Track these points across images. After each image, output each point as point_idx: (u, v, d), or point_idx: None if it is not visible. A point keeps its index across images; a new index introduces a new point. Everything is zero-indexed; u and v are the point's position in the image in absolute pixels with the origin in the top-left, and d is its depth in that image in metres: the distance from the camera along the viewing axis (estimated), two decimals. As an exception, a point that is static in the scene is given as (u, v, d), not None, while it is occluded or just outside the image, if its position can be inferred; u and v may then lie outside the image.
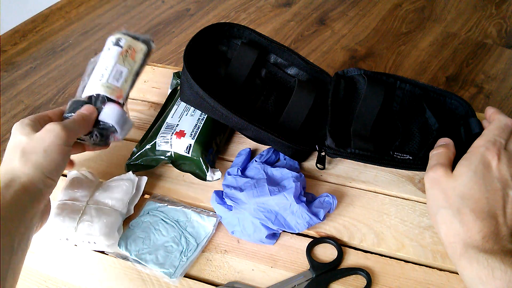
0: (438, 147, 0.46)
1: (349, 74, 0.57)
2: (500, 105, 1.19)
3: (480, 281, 0.36)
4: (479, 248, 0.37)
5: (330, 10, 1.60)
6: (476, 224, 0.38)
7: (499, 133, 0.42)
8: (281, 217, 0.48)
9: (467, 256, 0.37)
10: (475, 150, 0.42)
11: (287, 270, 0.47)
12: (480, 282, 0.36)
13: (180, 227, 0.51)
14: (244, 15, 1.64)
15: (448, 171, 0.42)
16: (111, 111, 0.50)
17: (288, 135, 0.53)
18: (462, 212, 0.39)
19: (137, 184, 0.54)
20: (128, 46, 0.55)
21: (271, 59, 0.60)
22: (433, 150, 0.46)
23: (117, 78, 0.52)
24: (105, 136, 0.51)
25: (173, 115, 0.58)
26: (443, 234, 0.40)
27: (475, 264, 0.36)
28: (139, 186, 0.54)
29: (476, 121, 0.50)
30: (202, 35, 0.56)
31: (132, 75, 0.55)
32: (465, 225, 0.38)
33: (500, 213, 0.38)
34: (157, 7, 1.75)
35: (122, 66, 0.53)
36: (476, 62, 1.32)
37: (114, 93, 0.52)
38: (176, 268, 0.47)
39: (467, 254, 0.37)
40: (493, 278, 0.35)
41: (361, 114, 0.53)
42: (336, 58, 1.40)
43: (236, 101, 0.55)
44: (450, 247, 0.40)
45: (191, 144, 0.54)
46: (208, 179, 0.54)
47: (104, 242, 0.49)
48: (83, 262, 0.50)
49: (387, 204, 0.52)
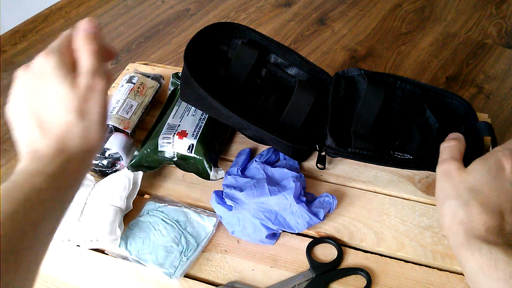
0: (449, 140, 0.46)
1: (349, 74, 0.57)
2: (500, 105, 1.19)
3: (482, 271, 0.35)
4: (482, 239, 0.37)
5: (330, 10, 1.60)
6: (482, 217, 0.38)
7: None
8: (281, 217, 0.48)
9: (470, 246, 0.37)
10: (493, 153, 0.42)
11: (287, 270, 0.47)
12: (482, 273, 0.35)
13: (180, 227, 0.51)
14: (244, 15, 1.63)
15: (461, 165, 0.42)
16: (117, 140, 0.56)
17: (289, 135, 0.53)
18: (469, 204, 0.39)
19: (133, 179, 0.54)
20: (140, 83, 0.64)
21: (271, 59, 0.60)
22: (444, 143, 0.46)
23: (127, 110, 0.60)
24: (111, 163, 0.56)
25: (174, 116, 0.58)
26: (447, 224, 0.40)
27: (477, 254, 0.36)
28: (135, 181, 0.54)
29: (484, 124, 0.50)
30: (203, 35, 0.56)
31: (142, 108, 0.62)
32: (470, 216, 0.39)
33: (507, 212, 0.38)
34: (157, 7, 1.74)
35: (132, 100, 0.62)
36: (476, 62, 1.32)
37: (122, 124, 0.59)
38: (176, 268, 0.47)
39: (470, 244, 0.37)
40: (496, 269, 0.35)
41: (362, 114, 0.53)
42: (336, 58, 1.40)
43: (236, 100, 0.55)
44: (453, 237, 0.39)
45: (193, 144, 0.54)
46: (211, 178, 0.54)
47: (106, 238, 0.49)
48: (83, 262, 0.50)
49: (387, 204, 0.52)
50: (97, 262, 0.50)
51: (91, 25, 0.36)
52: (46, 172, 0.32)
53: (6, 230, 0.28)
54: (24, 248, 0.30)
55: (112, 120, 0.59)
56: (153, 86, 0.66)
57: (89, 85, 0.34)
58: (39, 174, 0.32)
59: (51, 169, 0.32)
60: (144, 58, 1.50)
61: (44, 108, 0.34)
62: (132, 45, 1.58)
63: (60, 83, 0.34)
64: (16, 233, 0.29)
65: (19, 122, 0.35)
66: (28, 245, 0.30)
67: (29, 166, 0.32)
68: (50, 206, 0.33)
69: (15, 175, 0.32)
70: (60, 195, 0.34)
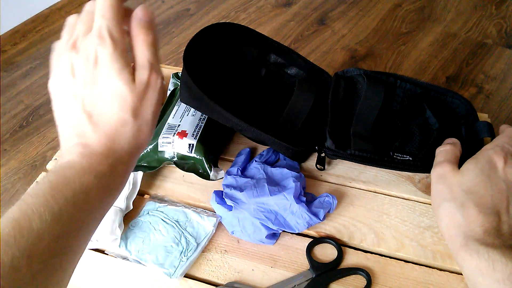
0: (445, 144, 0.46)
1: (348, 74, 0.57)
2: (500, 105, 1.19)
3: (480, 273, 0.36)
4: (480, 241, 0.37)
5: (330, 10, 1.60)
6: (479, 218, 0.38)
7: (509, 141, 0.43)
8: (281, 217, 0.48)
9: (468, 248, 0.37)
10: (484, 152, 0.43)
11: (287, 270, 0.47)
12: (480, 275, 0.36)
13: (180, 227, 0.51)
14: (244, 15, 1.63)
15: (455, 168, 0.43)
16: None
17: (288, 136, 0.53)
18: (465, 206, 0.39)
19: (133, 179, 0.54)
20: None
21: (271, 59, 0.60)
22: (440, 147, 0.46)
23: None
24: None
25: (174, 116, 0.58)
26: (445, 227, 0.41)
27: (476, 256, 0.36)
28: (135, 181, 0.54)
29: (484, 124, 0.50)
30: (202, 35, 0.56)
31: None
32: (467, 218, 0.39)
33: (503, 211, 0.39)
34: (157, 7, 1.74)
35: None
36: (476, 62, 1.32)
37: None
38: (176, 268, 0.47)
39: (468, 246, 0.37)
40: (494, 271, 0.35)
41: (361, 115, 0.53)
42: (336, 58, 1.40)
43: (236, 101, 0.55)
44: (451, 239, 0.40)
45: (193, 144, 0.54)
46: (212, 178, 0.54)
47: (107, 238, 0.49)
48: (83, 262, 0.50)
49: (387, 204, 0.52)
50: (97, 262, 0.50)
51: (147, 14, 0.33)
52: (97, 172, 0.31)
53: (54, 231, 0.27)
54: (63, 251, 0.28)
55: None
56: None
57: (146, 82, 0.32)
58: (89, 172, 0.30)
59: (101, 168, 0.31)
60: (144, 58, 1.50)
61: (98, 101, 0.32)
62: (132, 45, 1.58)
63: (117, 76, 0.31)
64: (61, 233, 0.28)
65: (67, 108, 0.33)
66: (69, 246, 0.29)
67: (78, 163, 0.31)
68: (95, 207, 0.31)
69: (64, 169, 0.30)
70: (106, 196, 0.32)
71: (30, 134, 1.31)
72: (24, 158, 1.24)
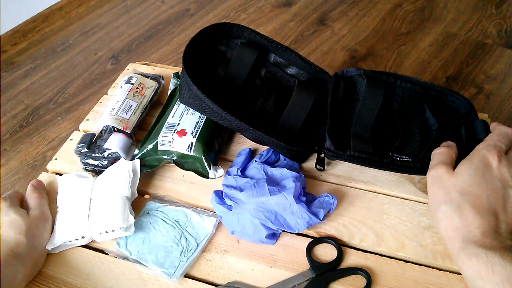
0: (440, 147, 0.46)
1: (348, 74, 0.57)
2: (500, 105, 1.19)
3: (480, 276, 0.36)
4: (479, 244, 0.37)
5: (330, 10, 1.60)
6: (476, 220, 0.38)
7: (500, 139, 0.43)
8: (281, 217, 0.48)
9: (467, 251, 0.37)
10: (477, 151, 0.43)
11: (287, 270, 0.47)
12: (479, 277, 0.36)
13: (180, 227, 0.51)
14: (244, 15, 1.63)
15: (449, 169, 0.42)
16: (116, 140, 0.57)
17: (288, 136, 0.53)
18: (462, 208, 0.39)
19: (132, 168, 0.54)
20: (139, 83, 0.64)
21: (271, 59, 0.60)
22: (436, 150, 0.46)
23: (126, 111, 0.61)
24: (111, 163, 0.56)
25: (174, 115, 0.58)
26: (443, 229, 0.41)
27: (475, 259, 0.36)
28: (134, 169, 0.55)
29: (482, 124, 0.50)
30: (201, 36, 0.56)
31: (141, 108, 0.63)
32: (465, 220, 0.39)
33: (500, 210, 0.39)
34: (157, 7, 1.74)
35: (131, 100, 0.62)
36: (476, 62, 1.32)
37: (121, 124, 0.59)
38: (176, 268, 0.47)
39: (467, 249, 0.37)
40: (493, 273, 0.35)
41: (361, 115, 0.53)
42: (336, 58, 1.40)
43: (235, 102, 0.55)
44: (450, 242, 0.40)
45: (192, 143, 0.54)
46: (211, 176, 0.54)
47: (121, 225, 0.49)
48: (83, 262, 0.50)
49: (387, 204, 0.52)
50: (97, 262, 0.50)
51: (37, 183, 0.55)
52: None
53: None
54: None
55: (111, 120, 0.59)
56: (152, 86, 0.66)
57: None
58: None
59: None
60: (144, 58, 1.50)
61: None
62: (132, 45, 1.58)
63: None
64: None
65: None
66: None
67: None
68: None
69: None
70: None
71: (30, 134, 1.31)
72: (24, 158, 1.24)
